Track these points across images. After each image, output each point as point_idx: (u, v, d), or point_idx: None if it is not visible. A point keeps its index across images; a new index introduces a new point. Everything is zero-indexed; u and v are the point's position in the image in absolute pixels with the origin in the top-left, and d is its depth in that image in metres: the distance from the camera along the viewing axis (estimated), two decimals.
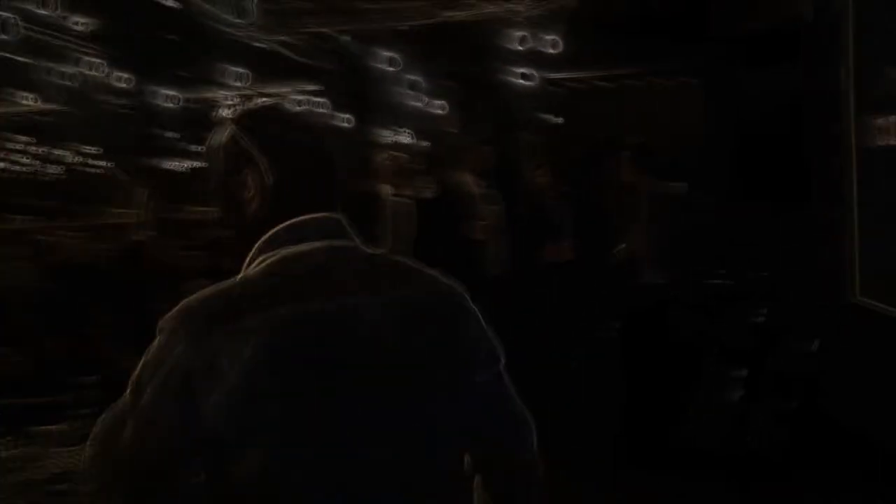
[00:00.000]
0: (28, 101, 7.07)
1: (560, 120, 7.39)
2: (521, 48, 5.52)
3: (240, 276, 0.99)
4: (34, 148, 7.94)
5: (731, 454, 3.92)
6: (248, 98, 6.64)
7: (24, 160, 7.95)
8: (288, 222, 0.99)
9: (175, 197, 8.12)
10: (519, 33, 5.43)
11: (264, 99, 1.48)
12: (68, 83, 6.46)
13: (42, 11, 5.20)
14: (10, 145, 7.91)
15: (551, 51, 5.39)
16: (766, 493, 3.60)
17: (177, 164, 8.25)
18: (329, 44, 6.54)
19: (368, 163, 5.03)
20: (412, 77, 6.44)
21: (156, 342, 0.94)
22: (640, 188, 4.27)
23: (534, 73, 5.91)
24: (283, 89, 7.33)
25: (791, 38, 4.63)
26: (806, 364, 4.28)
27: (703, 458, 3.90)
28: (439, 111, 7.31)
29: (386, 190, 4.85)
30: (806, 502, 3.56)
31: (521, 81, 6.02)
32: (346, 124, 7.28)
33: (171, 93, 6.90)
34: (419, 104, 7.19)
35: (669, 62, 6.52)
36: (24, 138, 7.71)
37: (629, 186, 4.51)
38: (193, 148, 8.25)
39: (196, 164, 8.44)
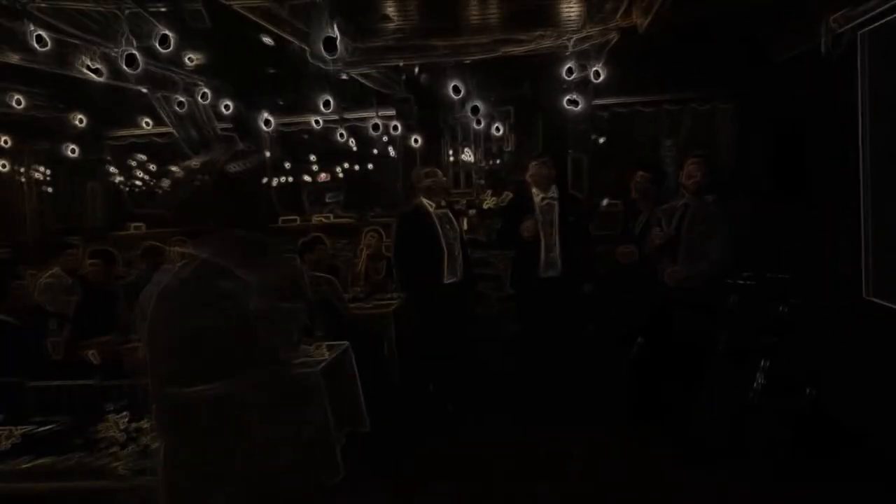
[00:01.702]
0: (147, 125, 8.00)
1: (603, 139, 8.01)
2: (569, 77, 6.09)
3: None
4: (151, 166, 8.81)
5: (739, 450, 4.07)
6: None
7: (144, 176, 8.83)
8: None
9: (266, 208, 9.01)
10: (567, 65, 6.01)
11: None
12: (180, 110, 7.36)
13: (161, 49, 5.95)
14: (132, 163, 8.83)
15: (595, 80, 5.95)
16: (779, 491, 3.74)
17: (269, 179, 9.12)
18: (403, 75, 7.32)
19: (418, 183, 5.67)
20: (474, 103, 7.06)
21: None
22: (682, 197, 4.68)
23: (580, 98, 6.44)
24: (363, 114, 8.10)
25: (812, 60, 4.96)
26: (817, 362, 4.36)
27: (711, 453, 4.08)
28: (497, 133, 7.93)
29: (430, 204, 5.54)
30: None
31: (569, 107, 6.56)
32: (415, 144, 8.00)
33: (268, 118, 7.63)
34: (480, 127, 7.83)
35: (700, 88, 7.08)
36: (142, 157, 8.68)
37: (671, 196, 5.02)
38: (284, 166, 9.17)
39: (284, 178, 9.35)
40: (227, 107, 7.20)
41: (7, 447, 2.66)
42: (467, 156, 8.39)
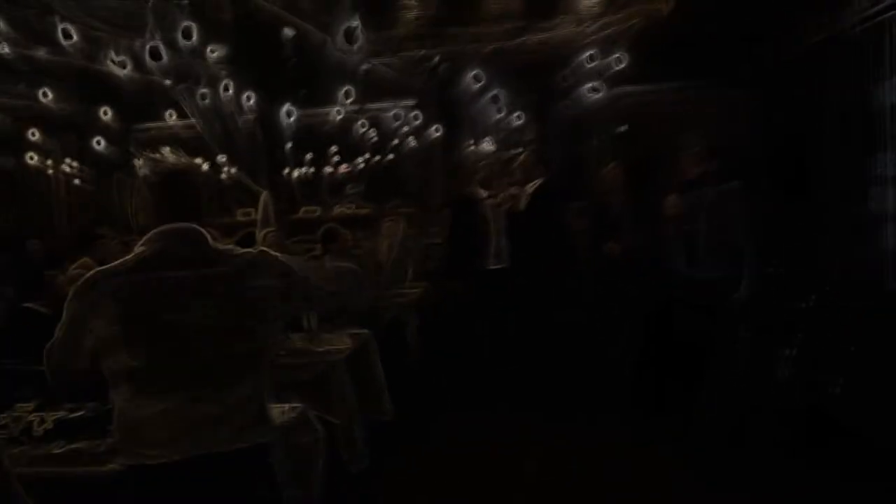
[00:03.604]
0: (172, 118, 8.04)
1: (625, 127, 7.90)
2: (590, 64, 6.05)
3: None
4: (174, 158, 8.89)
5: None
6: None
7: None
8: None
9: (289, 199, 9.07)
10: (588, 52, 5.97)
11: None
12: (203, 102, 7.35)
13: (184, 42, 5.97)
14: (156, 156, 8.91)
15: (616, 66, 5.90)
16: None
17: (290, 171, 9.22)
18: (423, 64, 7.30)
19: (466, 170, 5.76)
20: (495, 91, 7.01)
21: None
22: (701, 185, 4.62)
23: (601, 86, 6.40)
24: (384, 104, 8.10)
25: (838, 48, 4.97)
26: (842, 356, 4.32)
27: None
28: (519, 121, 7.89)
29: (481, 192, 5.60)
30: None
31: (591, 94, 6.51)
32: (436, 133, 7.98)
33: (289, 108, 7.65)
34: (501, 115, 7.78)
35: (722, 75, 6.93)
36: (167, 149, 8.68)
37: (691, 184, 4.96)
38: (306, 157, 9.20)
39: (305, 171, 9.39)
40: (248, 98, 7.22)
41: (40, 433, 2.71)
42: (488, 146, 8.35)
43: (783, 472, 3.84)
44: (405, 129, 8.40)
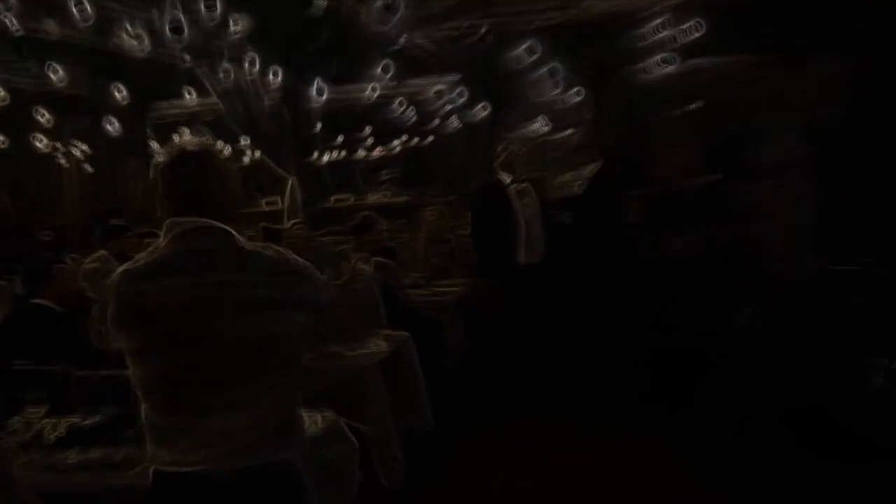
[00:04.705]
0: (191, 98, 8.13)
1: (699, 104, 7.75)
2: (659, 34, 5.96)
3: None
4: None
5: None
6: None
7: None
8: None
9: (318, 186, 9.16)
10: (657, 20, 5.88)
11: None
12: (226, 79, 7.37)
13: (204, 14, 6.04)
14: (175, 138, 9.01)
15: (689, 36, 5.79)
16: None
17: (320, 155, 9.31)
18: (468, 36, 7.29)
19: (491, 154, 5.71)
20: (549, 65, 6.97)
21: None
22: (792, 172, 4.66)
23: (671, 58, 6.29)
24: (425, 80, 8.12)
25: None
26: None
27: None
28: (576, 98, 7.81)
29: (505, 177, 5.55)
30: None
31: (659, 67, 6.41)
32: (483, 112, 7.96)
33: (320, 87, 7.70)
34: (556, 92, 7.68)
35: (807, 46, 6.72)
36: (186, 131, 8.85)
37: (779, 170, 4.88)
38: (338, 140, 9.28)
39: (337, 154, 9.48)
40: (275, 74, 7.31)
41: (52, 440, 2.81)
42: (541, 126, 8.31)
43: None
44: (448, 107, 8.42)
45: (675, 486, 4.06)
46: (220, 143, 7.31)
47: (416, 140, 9.21)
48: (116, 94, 7.49)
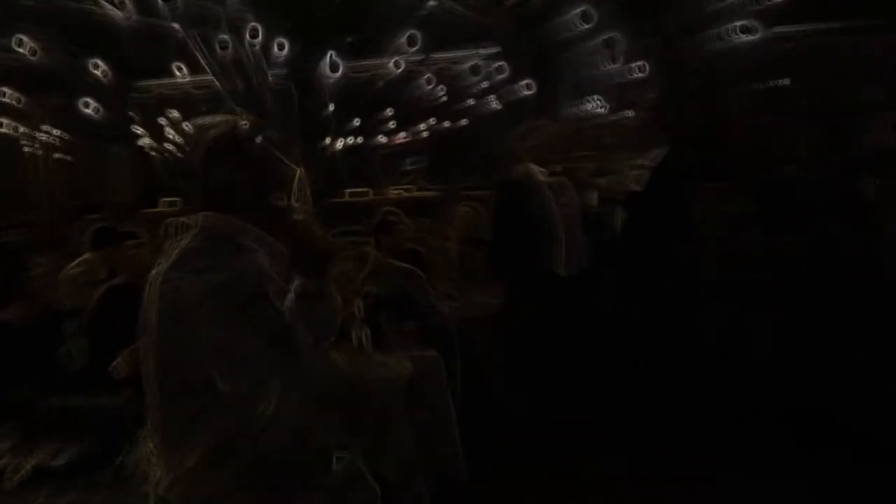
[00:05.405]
0: (182, 74, 8.16)
1: (785, 80, 7.65)
2: None
3: None
4: (187, 125, 8.83)
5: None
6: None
7: (177, 138, 8.93)
8: None
9: (331, 177, 9.16)
10: None
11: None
12: (223, 52, 7.45)
13: None
14: (162, 122, 8.98)
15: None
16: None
17: (333, 141, 9.31)
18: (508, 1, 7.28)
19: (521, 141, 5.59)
20: (605, 35, 6.91)
21: None
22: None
23: (755, 25, 6.21)
24: (458, 53, 8.08)
25: None
26: None
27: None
28: (638, 74, 7.76)
29: (536, 171, 5.42)
30: None
31: (740, 35, 6.33)
32: (526, 90, 7.91)
33: (334, 61, 7.72)
34: (613, 66, 7.69)
35: None
36: (176, 114, 8.93)
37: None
38: (353, 123, 9.27)
39: (352, 140, 9.48)
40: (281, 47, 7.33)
41: (14, 483, 2.77)
42: (592, 105, 8.26)
43: None
44: (484, 85, 8.37)
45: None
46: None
47: (446, 123, 9.18)
48: (94, 69, 7.53)
